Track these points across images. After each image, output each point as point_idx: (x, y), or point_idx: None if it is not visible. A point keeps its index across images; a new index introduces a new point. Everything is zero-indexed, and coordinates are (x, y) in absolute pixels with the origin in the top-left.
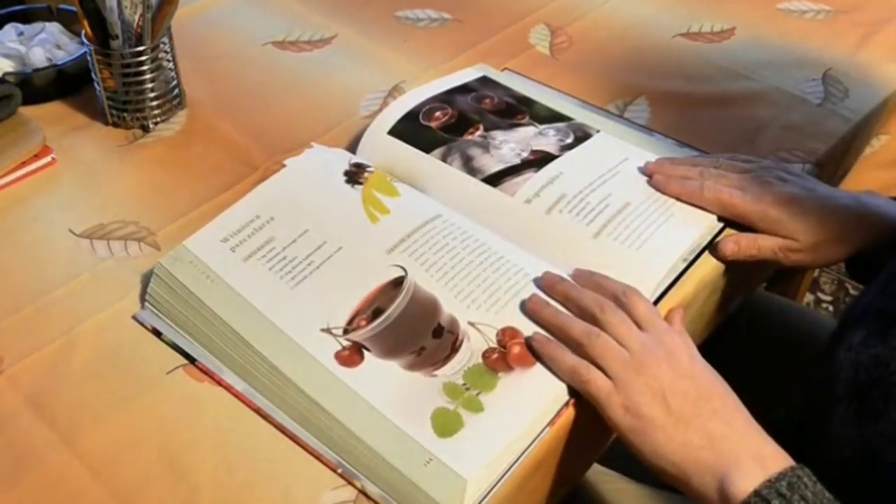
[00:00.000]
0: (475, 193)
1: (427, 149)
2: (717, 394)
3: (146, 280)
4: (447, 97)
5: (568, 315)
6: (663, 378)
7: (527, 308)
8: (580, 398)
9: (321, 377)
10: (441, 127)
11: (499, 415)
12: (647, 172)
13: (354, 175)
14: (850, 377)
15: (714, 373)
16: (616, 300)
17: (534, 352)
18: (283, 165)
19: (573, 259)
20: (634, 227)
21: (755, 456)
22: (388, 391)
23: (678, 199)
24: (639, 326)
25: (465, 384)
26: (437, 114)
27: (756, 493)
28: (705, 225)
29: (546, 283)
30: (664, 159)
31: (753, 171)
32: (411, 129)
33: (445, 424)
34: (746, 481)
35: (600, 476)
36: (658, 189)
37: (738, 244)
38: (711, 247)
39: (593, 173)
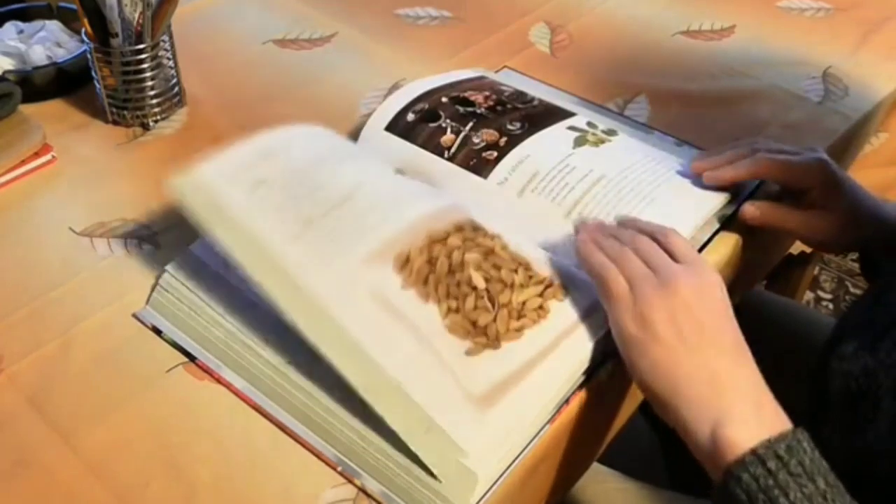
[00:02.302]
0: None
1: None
2: (731, 338)
3: (147, 278)
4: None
5: (604, 237)
6: (681, 303)
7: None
8: (593, 380)
9: (335, 333)
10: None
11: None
12: (694, 172)
13: None
14: (841, 387)
15: (735, 324)
16: (653, 237)
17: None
18: None
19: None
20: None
21: (754, 405)
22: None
23: (734, 182)
24: (676, 261)
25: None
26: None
27: (753, 451)
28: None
29: (584, 226)
30: (701, 156)
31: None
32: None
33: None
34: (741, 431)
35: (600, 476)
36: (713, 182)
37: (759, 209)
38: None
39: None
